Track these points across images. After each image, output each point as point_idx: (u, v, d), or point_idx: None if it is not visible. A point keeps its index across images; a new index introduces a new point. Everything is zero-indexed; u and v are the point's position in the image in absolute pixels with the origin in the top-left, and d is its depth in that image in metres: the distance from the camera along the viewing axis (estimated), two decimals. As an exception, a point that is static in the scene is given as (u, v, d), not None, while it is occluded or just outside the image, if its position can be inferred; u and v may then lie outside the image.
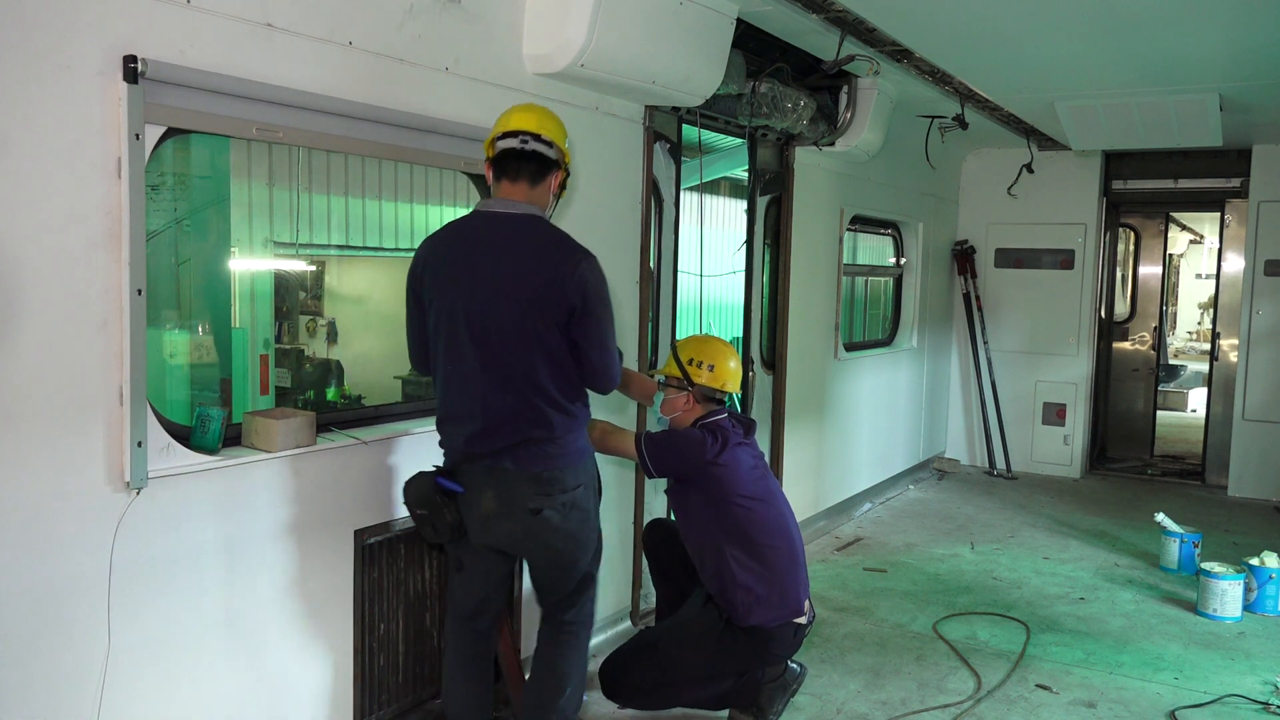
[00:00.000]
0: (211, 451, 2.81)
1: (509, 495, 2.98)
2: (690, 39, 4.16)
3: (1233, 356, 8.38)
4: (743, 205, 6.64)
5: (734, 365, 3.81)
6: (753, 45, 5.01)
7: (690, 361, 3.76)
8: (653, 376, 3.93)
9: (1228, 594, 5.21)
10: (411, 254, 3.17)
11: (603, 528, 3.38)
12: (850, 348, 7.17)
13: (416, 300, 3.06)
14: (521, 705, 3.38)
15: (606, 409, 4.35)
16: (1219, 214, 8.70)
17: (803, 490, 6.31)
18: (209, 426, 2.82)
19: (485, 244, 2.95)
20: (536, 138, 2.97)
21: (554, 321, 2.91)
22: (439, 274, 2.99)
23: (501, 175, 3.02)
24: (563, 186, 3.13)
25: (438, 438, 3.14)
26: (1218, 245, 9.03)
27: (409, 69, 3.30)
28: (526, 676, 3.52)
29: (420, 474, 3.08)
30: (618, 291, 4.47)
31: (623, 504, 4.64)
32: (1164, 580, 5.87)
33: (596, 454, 3.86)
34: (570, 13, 3.65)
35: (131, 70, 2.45)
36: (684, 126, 4.94)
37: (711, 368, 3.75)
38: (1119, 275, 9.69)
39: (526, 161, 2.98)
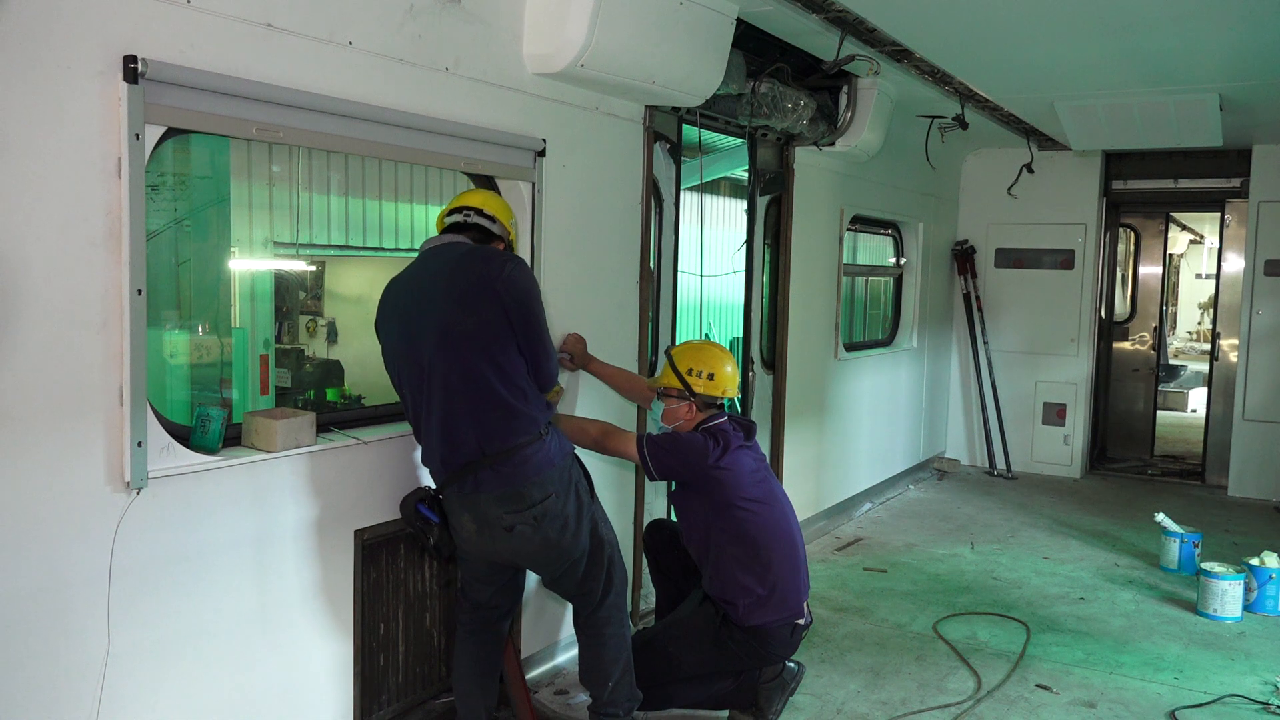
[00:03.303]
0: (212, 451, 2.81)
1: (482, 517, 3.10)
2: (690, 39, 4.16)
3: (1233, 356, 8.37)
4: (743, 205, 6.64)
5: (731, 370, 3.82)
6: (753, 45, 5.00)
7: (690, 371, 3.76)
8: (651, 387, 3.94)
9: (1228, 594, 5.21)
10: (411, 254, 3.23)
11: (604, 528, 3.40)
12: (850, 348, 7.17)
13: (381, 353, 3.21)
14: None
15: (607, 410, 4.35)
16: (1219, 214, 8.70)
17: (803, 490, 6.30)
18: (209, 426, 2.82)
19: (419, 274, 3.13)
20: (479, 212, 3.24)
21: (491, 318, 3.00)
22: (388, 313, 3.15)
23: (445, 234, 3.24)
24: None
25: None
26: (1218, 245, 9.02)
27: (409, 69, 3.30)
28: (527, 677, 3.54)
29: (411, 493, 3.25)
30: (618, 291, 4.49)
31: (623, 505, 4.63)
32: (1164, 580, 5.87)
33: (594, 454, 3.88)
34: (570, 13, 3.65)
35: (131, 70, 2.45)
36: (684, 126, 4.94)
37: (711, 376, 3.76)
38: (1119, 275, 9.68)
39: (467, 230, 3.21)
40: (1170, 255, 12.06)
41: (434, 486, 3.24)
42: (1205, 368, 9.74)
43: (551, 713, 3.89)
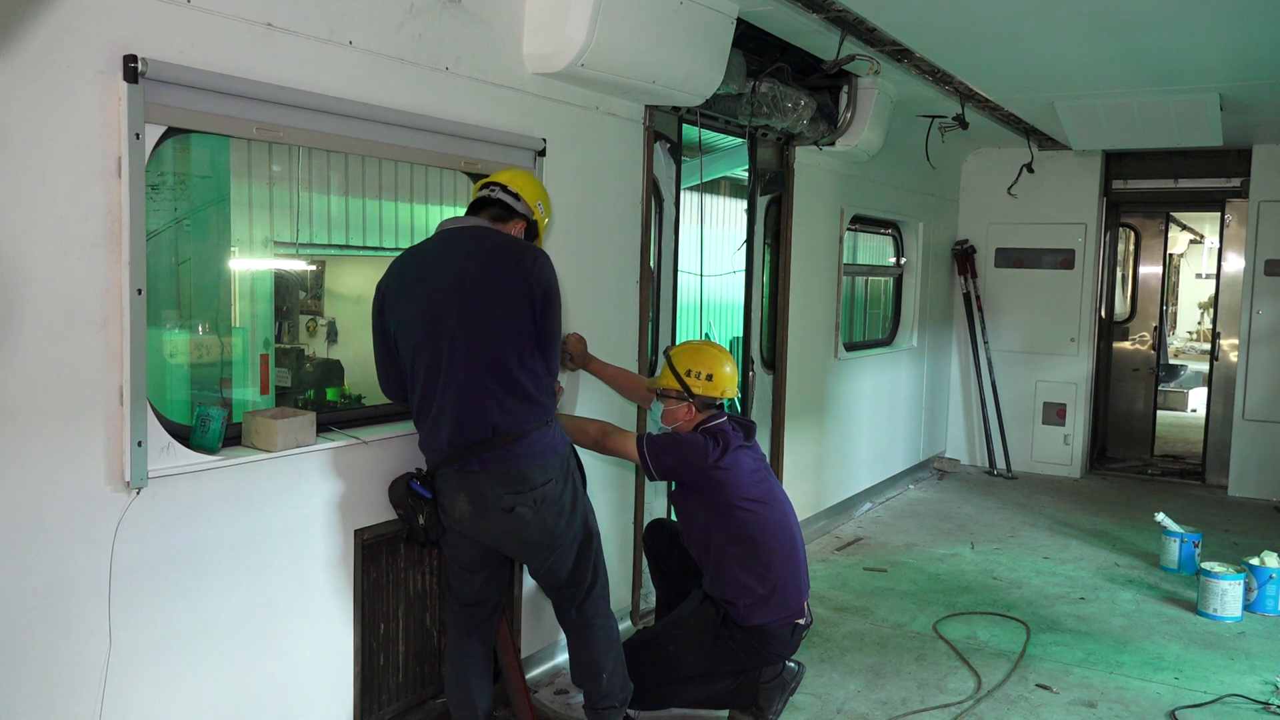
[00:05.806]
0: (212, 451, 2.81)
1: (480, 497, 3.09)
2: (690, 39, 4.16)
3: (1233, 356, 8.37)
4: (743, 205, 6.64)
5: (730, 370, 3.81)
6: (753, 45, 5.00)
7: (688, 372, 3.76)
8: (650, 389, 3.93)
9: (1228, 594, 5.21)
10: None
11: (602, 528, 3.40)
12: (850, 348, 7.17)
13: (382, 327, 3.17)
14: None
15: (607, 410, 4.35)
16: (1219, 214, 8.70)
17: (803, 490, 6.30)
18: (209, 426, 2.82)
19: (442, 253, 3.14)
20: (504, 189, 3.27)
21: (519, 308, 3.04)
22: (400, 292, 3.13)
23: (468, 213, 3.29)
24: (529, 237, 3.32)
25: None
26: (1218, 245, 9.03)
27: (409, 69, 3.30)
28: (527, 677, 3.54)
29: (400, 476, 3.23)
30: (618, 291, 4.49)
31: (623, 504, 4.63)
32: (1164, 580, 5.87)
33: (594, 453, 3.88)
34: (570, 12, 3.65)
35: (131, 70, 2.45)
36: (684, 126, 4.94)
37: (710, 377, 3.76)
38: (1119, 275, 9.69)
39: (490, 205, 3.25)
40: (1170, 255, 12.05)
41: (425, 469, 3.22)
42: (1205, 367, 9.74)
43: (551, 713, 3.89)
